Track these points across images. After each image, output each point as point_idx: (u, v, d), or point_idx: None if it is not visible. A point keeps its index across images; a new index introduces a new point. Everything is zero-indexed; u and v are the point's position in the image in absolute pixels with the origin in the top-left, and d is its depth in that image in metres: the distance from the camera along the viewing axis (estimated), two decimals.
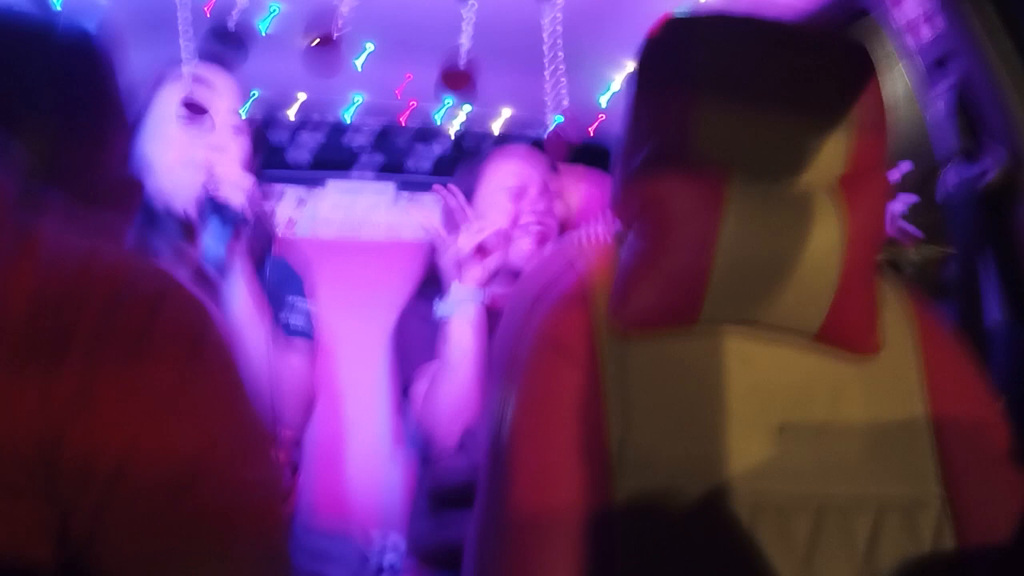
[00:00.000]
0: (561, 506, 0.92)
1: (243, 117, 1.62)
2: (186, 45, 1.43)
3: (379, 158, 2.38)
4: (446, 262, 1.73)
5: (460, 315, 1.67)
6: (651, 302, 0.98)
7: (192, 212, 1.51)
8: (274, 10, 1.72)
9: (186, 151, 1.53)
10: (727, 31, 1.01)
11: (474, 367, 1.62)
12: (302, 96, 2.23)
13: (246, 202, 1.48)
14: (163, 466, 0.62)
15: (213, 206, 1.47)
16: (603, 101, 2.13)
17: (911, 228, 1.60)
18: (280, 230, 1.86)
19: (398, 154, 2.39)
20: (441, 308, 1.73)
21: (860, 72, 0.99)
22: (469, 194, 1.94)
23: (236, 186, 1.48)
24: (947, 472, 1.00)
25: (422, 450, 1.79)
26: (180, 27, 1.40)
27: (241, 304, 1.46)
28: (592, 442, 0.94)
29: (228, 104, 1.59)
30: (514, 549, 0.92)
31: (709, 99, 0.97)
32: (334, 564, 1.54)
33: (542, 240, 1.85)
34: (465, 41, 1.48)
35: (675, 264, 0.96)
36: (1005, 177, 1.22)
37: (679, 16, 1.02)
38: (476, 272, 1.70)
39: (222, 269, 1.49)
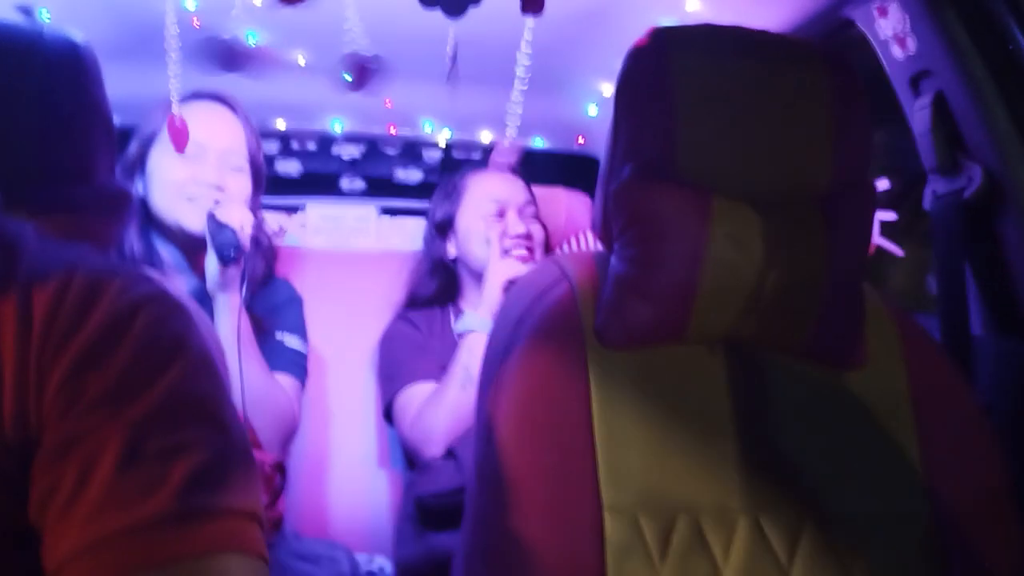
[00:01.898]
0: (549, 518, 0.91)
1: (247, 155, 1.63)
2: (172, 66, 1.42)
3: (361, 181, 2.38)
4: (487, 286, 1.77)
5: (473, 340, 1.69)
6: (637, 322, 0.98)
7: (196, 233, 1.52)
8: (253, 36, 1.72)
9: (185, 188, 1.54)
10: (713, 42, 1.02)
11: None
12: (281, 123, 2.23)
13: (245, 239, 1.50)
14: (144, 473, 0.61)
15: (214, 235, 1.49)
16: (591, 112, 2.13)
17: (891, 245, 1.61)
18: (277, 243, 1.86)
19: (382, 177, 2.39)
20: (459, 325, 1.76)
21: (844, 83, 0.99)
22: (449, 217, 1.95)
23: (236, 223, 1.49)
24: (933, 486, 1.00)
25: (409, 461, 1.78)
26: (166, 45, 1.40)
27: (225, 336, 1.47)
28: (580, 453, 0.94)
29: (227, 143, 1.59)
30: (504, 562, 0.91)
31: (693, 113, 0.97)
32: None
33: (524, 260, 1.87)
34: (447, 63, 1.48)
35: (662, 283, 0.97)
36: (984, 192, 1.22)
37: (665, 27, 1.02)
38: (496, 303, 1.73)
39: (215, 295, 1.50)
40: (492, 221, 1.89)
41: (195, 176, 1.55)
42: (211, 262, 1.50)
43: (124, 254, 1.55)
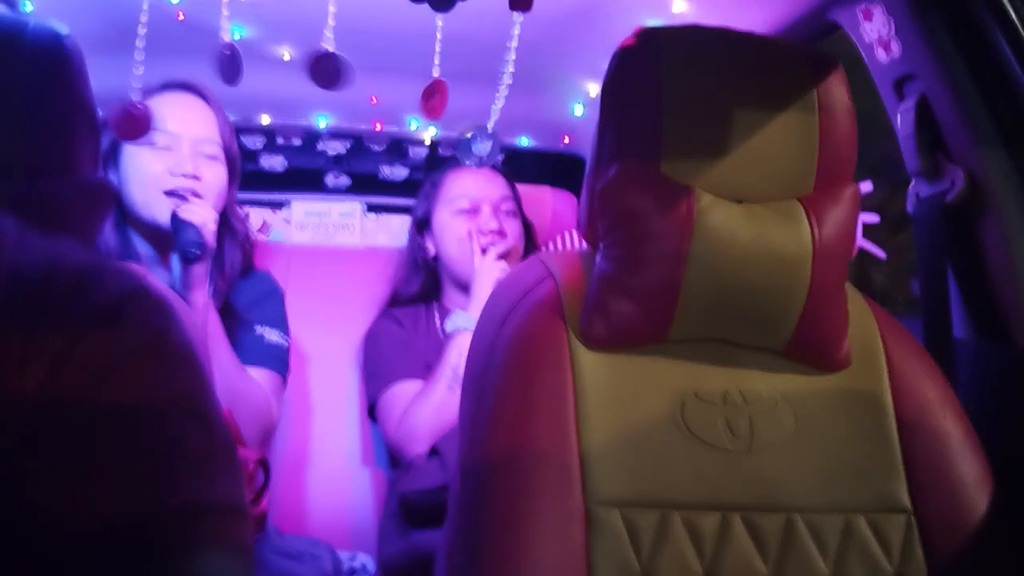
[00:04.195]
0: (533, 515, 0.91)
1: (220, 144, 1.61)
2: (140, 58, 1.40)
3: (346, 177, 2.37)
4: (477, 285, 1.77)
5: (462, 340, 1.69)
6: (621, 320, 0.98)
7: (165, 226, 1.51)
8: (238, 31, 1.71)
9: (160, 180, 1.52)
10: (699, 43, 1.02)
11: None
12: (266, 118, 2.22)
13: (209, 236, 1.48)
14: (129, 469, 0.61)
15: (177, 233, 1.47)
16: (577, 112, 2.13)
17: (874, 248, 1.62)
18: (254, 236, 1.84)
19: (367, 173, 2.38)
20: (448, 325, 1.76)
21: (830, 86, 1.00)
22: (427, 214, 1.95)
23: (198, 221, 1.48)
24: (914, 485, 1.00)
25: (393, 459, 1.78)
26: (139, 36, 1.38)
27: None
28: (564, 451, 0.94)
29: (200, 132, 1.58)
30: (487, 559, 0.91)
31: (679, 113, 0.98)
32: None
33: (504, 256, 1.86)
34: (435, 61, 1.48)
35: (645, 283, 0.97)
36: (966, 195, 1.23)
37: (652, 27, 1.02)
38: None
39: (183, 293, 1.48)
40: (465, 218, 1.89)
41: (170, 168, 1.53)
42: (176, 261, 1.49)
43: (101, 248, 1.53)
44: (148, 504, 0.60)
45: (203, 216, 1.49)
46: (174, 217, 1.48)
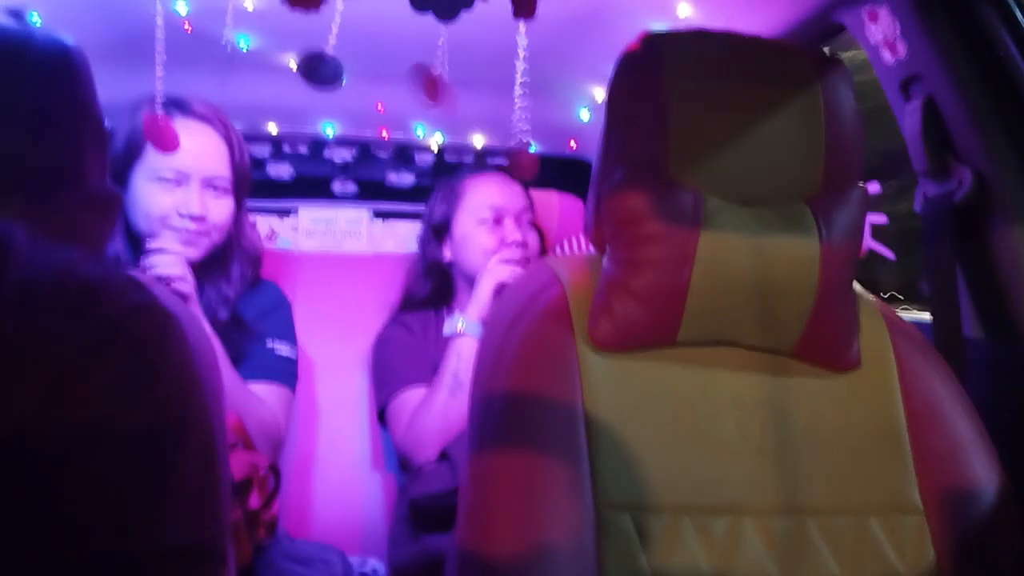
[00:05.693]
0: (543, 519, 0.91)
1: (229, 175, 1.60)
2: (160, 72, 1.40)
3: (353, 185, 2.38)
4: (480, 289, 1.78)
5: (461, 344, 1.69)
6: (629, 323, 0.98)
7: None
8: (244, 40, 1.72)
9: (167, 218, 1.51)
10: (704, 47, 1.02)
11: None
12: (273, 127, 2.22)
13: (181, 287, 1.46)
14: (115, 506, 0.60)
15: None
16: (583, 117, 2.13)
17: (882, 248, 1.61)
18: (264, 246, 1.84)
19: (374, 180, 2.39)
20: (447, 327, 1.76)
21: (835, 87, 1.00)
22: (446, 220, 1.95)
23: (168, 273, 1.46)
24: (926, 485, 1.00)
25: (402, 464, 1.78)
26: (157, 53, 1.38)
27: None
28: (573, 454, 0.94)
29: (211, 169, 1.56)
30: (497, 563, 0.91)
31: (685, 117, 0.98)
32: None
33: (523, 266, 1.86)
34: (439, 66, 1.48)
35: (652, 286, 0.97)
36: (974, 195, 1.23)
37: (656, 32, 1.02)
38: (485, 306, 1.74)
39: None
40: (488, 228, 1.89)
41: (177, 206, 1.52)
42: None
43: (110, 255, 1.53)
44: (129, 545, 0.59)
45: (175, 271, 1.47)
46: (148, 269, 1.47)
